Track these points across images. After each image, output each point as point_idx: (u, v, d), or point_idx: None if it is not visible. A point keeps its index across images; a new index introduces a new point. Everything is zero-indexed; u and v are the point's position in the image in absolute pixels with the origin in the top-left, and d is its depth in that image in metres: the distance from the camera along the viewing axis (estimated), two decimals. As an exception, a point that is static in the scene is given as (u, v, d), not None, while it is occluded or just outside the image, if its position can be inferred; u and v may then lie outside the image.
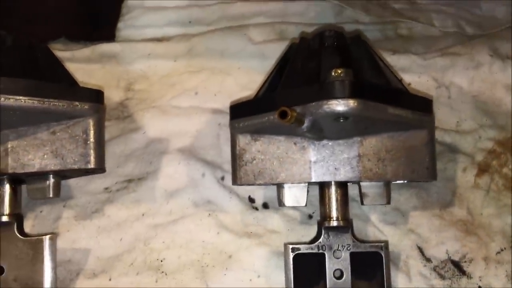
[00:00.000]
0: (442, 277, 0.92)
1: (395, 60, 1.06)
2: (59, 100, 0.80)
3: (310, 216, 0.96)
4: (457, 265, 0.93)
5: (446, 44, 1.08)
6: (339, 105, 0.72)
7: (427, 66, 1.05)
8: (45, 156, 0.83)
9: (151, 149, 1.00)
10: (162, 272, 0.92)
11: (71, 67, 0.98)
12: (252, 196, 0.97)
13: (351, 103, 0.73)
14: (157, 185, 0.97)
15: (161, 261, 0.93)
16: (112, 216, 0.95)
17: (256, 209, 0.97)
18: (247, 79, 1.04)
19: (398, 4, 1.14)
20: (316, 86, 0.75)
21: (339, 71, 0.73)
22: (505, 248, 0.93)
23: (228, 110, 0.89)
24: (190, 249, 0.94)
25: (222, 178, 0.98)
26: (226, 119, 0.89)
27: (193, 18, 1.11)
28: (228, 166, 0.92)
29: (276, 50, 1.04)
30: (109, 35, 1.09)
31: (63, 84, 0.86)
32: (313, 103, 0.74)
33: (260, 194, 0.97)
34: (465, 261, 0.93)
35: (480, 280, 0.92)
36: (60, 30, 1.07)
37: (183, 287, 0.91)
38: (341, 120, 0.75)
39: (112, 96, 1.03)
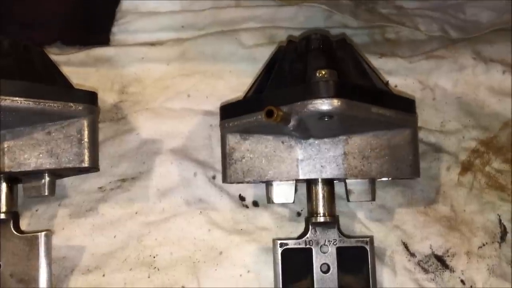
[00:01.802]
0: (425, 271, 0.94)
1: (382, 63, 1.07)
2: (54, 101, 0.81)
3: (299, 214, 0.98)
4: (440, 259, 0.95)
5: (431, 47, 1.10)
6: (324, 104, 0.74)
7: (413, 69, 1.07)
8: (41, 155, 0.84)
9: (144, 149, 1.01)
10: (155, 268, 0.94)
11: (66, 70, 1.00)
12: (242, 194, 0.99)
13: (335, 102, 0.74)
14: (150, 185, 0.99)
15: (154, 257, 0.95)
16: (106, 215, 0.97)
17: (247, 207, 0.99)
18: (238, 82, 1.05)
19: (385, 9, 1.16)
20: (301, 87, 0.77)
21: (324, 72, 0.75)
22: (486, 243, 0.96)
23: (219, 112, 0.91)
24: (182, 245, 0.95)
25: (214, 177, 1.00)
26: (217, 120, 0.91)
27: (186, 23, 1.12)
28: (219, 166, 0.94)
29: (266, 54, 1.04)
30: (104, 40, 1.10)
31: (58, 86, 0.87)
32: (299, 103, 0.75)
33: (250, 192, 0.99)
34: (448, 256, 0.95)
35: (462, 273, 0.94)
36: (56, 35, 1.08)
37: (175, 282, 0.93)
38: (326, 119, 0.76)
39: (107, 98, 1.04)
